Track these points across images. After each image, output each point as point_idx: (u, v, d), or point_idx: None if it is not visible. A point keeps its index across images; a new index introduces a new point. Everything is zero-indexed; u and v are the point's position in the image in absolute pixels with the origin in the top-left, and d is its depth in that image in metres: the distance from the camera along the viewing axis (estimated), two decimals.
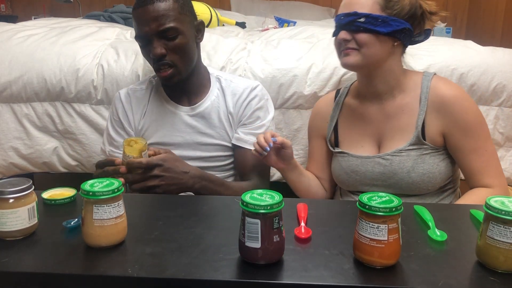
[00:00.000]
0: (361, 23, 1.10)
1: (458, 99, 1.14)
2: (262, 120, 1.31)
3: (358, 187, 1.23)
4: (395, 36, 1.12)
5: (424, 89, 1.17)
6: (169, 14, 1.19)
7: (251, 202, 0.66)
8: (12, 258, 0.70)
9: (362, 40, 1.11)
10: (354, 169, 1.22)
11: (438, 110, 1.14)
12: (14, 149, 1.60)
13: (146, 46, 1.22)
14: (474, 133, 1.13)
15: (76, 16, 2.88)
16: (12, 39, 1.65)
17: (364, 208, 0.66)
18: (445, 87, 1.16)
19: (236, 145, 1.29)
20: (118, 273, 0.66)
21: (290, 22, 2.68)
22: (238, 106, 1.30)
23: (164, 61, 1.20)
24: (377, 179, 1.19)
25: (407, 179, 1.15)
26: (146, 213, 0.91)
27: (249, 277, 0.65)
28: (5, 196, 0.74)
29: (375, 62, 1.14)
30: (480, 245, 0.69)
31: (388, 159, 1.17)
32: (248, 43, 1.71)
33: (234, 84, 1.32)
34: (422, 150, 1.15)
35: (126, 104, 1.33)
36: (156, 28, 1.18)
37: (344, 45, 1.15)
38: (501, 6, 3.02)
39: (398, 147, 1.16)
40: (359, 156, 1.22)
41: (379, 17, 1.10)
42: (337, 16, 1.16)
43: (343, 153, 1.25)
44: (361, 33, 1.11)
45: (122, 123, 1.32)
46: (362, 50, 1.13)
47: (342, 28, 1.14)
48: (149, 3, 1.18)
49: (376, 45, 1.12)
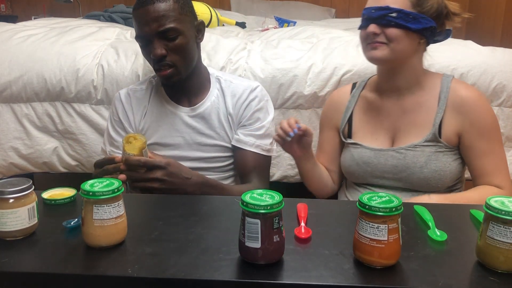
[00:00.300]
0: (393, 18, 1.11)
1: (478, 101, 1.16)
2: (262, 121, 1.30)
3: (367, 179, 1.24)
4: (422, 34, 1.14)
5: (444, 88, 1.19)
6: (170, 14, 1.18)
7: (251, 202, 0.66)
8: (12, 258, 0.70)
9: (392, 35, 1.12)
10: (367, 160, 1.22)
11: (457, 110, 1.16)
12: (14, 149, 1.60)
13: (146, 46, 1.22)
14: (489, 135, 1.15)
15: (76, 16, 2.88)
16: (12, 39, 1.65)
17: (364, 208, 0.66)
18: (466, 89, 1.19)
19: (236, 147, 1.29)
20: (118, 273, 0.66)
21: (290, 22, 2.69)
22: (238, 107, 1.30)
23: (165, 62, 1.20)
24: (388, 172, 1.20)
25: (419, 174, 1.16)
26: (146, 213, 0.91)
27: (249, 277, 0.65)
28: (5, 196, 0.74)
29: (401, 58, 1.16)
30: (480, 245, 0.69)
31: (402, 152, 1.18)
32: (248, 43, 1.71)
33: (234, 85, 1.32)
34: (437, 147, 1.16)
35: (126, 105, 1.32)
36: (157, 28, 1.18)
37: (372, 38, 1.15)
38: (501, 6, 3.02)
39: (414, 142, 1.18)
40: (373, 148, 1.23)
41: (411, 14, 1.11)
42: (366, 9, 1.16)
43: (356, 144, 1.26)
44: (392, 27, 1.12)
45: (122, 123, 1.32)
46: (391, 44, 1.14)
47: (373, 21, 1.14)
48: (149, 4, 1.18)
49: (405, 41, 1.13)
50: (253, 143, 1.28)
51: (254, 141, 1.28)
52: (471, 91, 1.19)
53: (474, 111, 1.15)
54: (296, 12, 3.45)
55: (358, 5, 3.91)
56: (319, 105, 1.54)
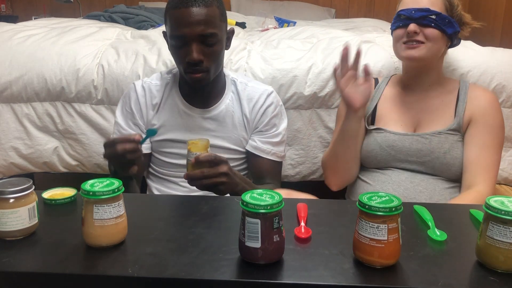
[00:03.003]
0: (433, 20, 1.21)
1: (492, 102, 1.26)
2: (278, 127, 1.32)
3: (390, 163, 1.28)
4: (451, 38, 1.25)
5: (463, 88, 1.29)
6: (213, 20, 1.16)
7: (251, 202, 0.66)
8: (12, 258, 0.70)
9: (431, 35, 1.21)
10: (391, 144, 1.27)
11: (474, 103, 1.25)
12: (15, 149, 1.60)
13: (181, 47, 1.18)
14: (493, 133, 1.23)
15: (76, 16, 2.88)
16: (13, 39, 1.65)
17: (364, 208, 0.66)
18: (484, 90, 1.31)
19: (253, 153, 1.30)
20: (118, 273, 0.66)
21: (290, 22, 2.69)
22: (255, 112, 1.30)
23: (200, 67, 1.18)
24: (412, 155, 1.26)
25: (442, 159, 1.23)
26: (146, 213, 0.91)
27: (249, 277, 0.66)
28: (5, 196, 0.74)
29: (434, 57, 1.26)
30: (480, 245, 0.69)
31: (427, 138, 1.25)
32: (248, 43, 1.71)
33: (250, 88, 1.32)
34: (459, 136, 1.25)
35: (141, 97, 1.30)
36: (200, 31, 1.15)
37: (411, 37, 1.22)
38: (501, 6, 3.02)
39: (438, 129, 1.25)
40: (397, 133, 1.28)
41: (447, 18, 1.22)
42: (406, 9, 1.23)
43: (379, 129, 1.31)
44: (431, 28, 1.21)
45: (133, 114, 1.29)
46: (428, 44, 1.22)
47: (414, 21, 1.22)
48: (194, 5, 1.14)
49: (440, 42, 1.23)
50: (270, 150, 1.30)
51: (271, 149, 1.30)
52: (488, 92, 1.31)
53: (486, 106, 1.24)
54: (296, 12, 3.45)
55: (358, 5, 3.92)
56: (319, 105, 1.54)
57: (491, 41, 2.98)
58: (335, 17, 3.76)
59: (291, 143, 1.57)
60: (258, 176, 1.32)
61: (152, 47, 1.62)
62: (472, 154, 1.22)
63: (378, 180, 1.28)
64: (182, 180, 1.31)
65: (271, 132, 1.31)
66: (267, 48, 1.65)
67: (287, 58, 1.56)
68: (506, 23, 2.95)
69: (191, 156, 1.05)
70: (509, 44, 2.79)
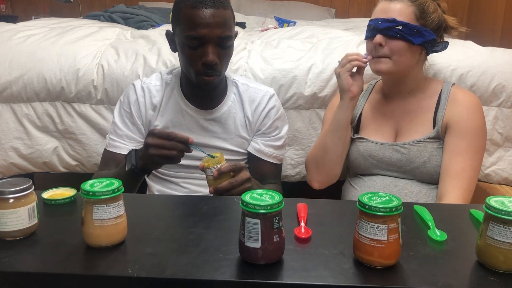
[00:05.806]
0: (398, 31, 1.17)
1: (471, 105, 1.23)
2: (281, 131, 1.33)
3: (372, 171, 1.30)
4: (424, 46, 1.21)
5: (444, 92, 1.26)
6: (229, 22, 1.17)
7: (251, 202, 0.66)
8: (12, 258, 0.70)
9: (396, 48, 1.19)
10: (372, 153, 1.29)
11: (452, 109, 1.23)
12: (14, 149, 1.60)
13: (196, 48, 1.16)
14: (468, 139, 1.20)
15: (76, 16, 2.88)
16: (12, 39, 1.65)
17: (364, 208, 0.66)
18: (464, 93, 1.27)
19: (254, 155, 1.31)
20: (118, 273, 0.66)
21: (290, 22, 2.68)
22: (257, 114, 1.30)
23: (214, 70, 1.17)
24: (393, 165, 1.27)
25: (422, 168, 1.23)
26: (146, 213, 0.91)
27: (249, 277, 0.66)
28: (5, 196, 0.74)
29: (403, 69, 1.23)
30: (480, 245, 0.69)
31: (406, 147, 1.25)
32: (248, 43, 1.71)
33: (252, 89, 1.32)
34: (438, 143, 1.23)
35: (140, 97, 1.29)
36: (219, 33, 1.14)
37: (376, 52, 1.21)
38: (501, 6, 3.02)
39: (416, 138, 1.24)
40: (378, 142, 1.29)
41: (415, 27, 1.17)
42: (374, 20, 1.22)
43: (362, 138, 1.32)
44: (397, 40, 1.18)
45: (132, 114, 1.29)
46: (393, 57, 1.20)
47: (379, 32, 1.20)
48: (215, 7, 1.13)
49: (407, 53, 1.20)
50: (272, 154, 1.32)
51: (272, 152, 1.32)
52: (468, 95, 1.26)
53: (463, 111, 1.22)
54: (296, 12, 3.45)
55: (358, 5, 3.92)
56: (319, 105, 1.54)
57: (491, 41, 2.98)
58: (335, 17, 3.76)
59: (291, 143, 1.57)
60: (259, 177, 1.31)
61: (152, 47, 1.62)
62: (444, 161, 1.21)
63: (364, 186, 1.31)
64: (183, 180, 1.31)
65: (273, 135, 1.32)
66: (267, 48, 1.65)
67: (287, 58, 1.56)
68: (506, 23, 2.95)
69: (211, 172, 1.04)
70: (509, 44, 2.78)
